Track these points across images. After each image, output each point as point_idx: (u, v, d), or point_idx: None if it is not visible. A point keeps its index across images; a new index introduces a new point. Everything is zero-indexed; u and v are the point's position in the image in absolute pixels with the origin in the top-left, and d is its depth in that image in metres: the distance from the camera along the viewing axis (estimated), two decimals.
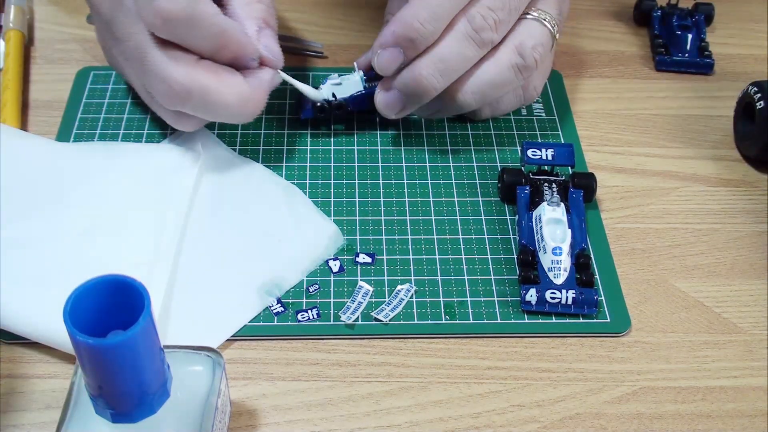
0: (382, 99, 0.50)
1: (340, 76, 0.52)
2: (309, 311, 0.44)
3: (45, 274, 0.43)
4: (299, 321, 0.43)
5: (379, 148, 0.53)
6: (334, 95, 0.52)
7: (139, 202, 0.47)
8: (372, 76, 0.52)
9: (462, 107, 0.51)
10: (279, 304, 0.44)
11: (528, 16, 0.50)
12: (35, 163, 0.48)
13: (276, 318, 0.44)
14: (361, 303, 0.44)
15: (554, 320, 0.44)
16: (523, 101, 0.53)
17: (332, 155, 0.52)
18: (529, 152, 0.49)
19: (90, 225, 0.45)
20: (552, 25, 0.50)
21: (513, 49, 0.49)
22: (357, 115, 0.53)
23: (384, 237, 0.48)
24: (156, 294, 0.42)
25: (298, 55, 0.60)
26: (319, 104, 0.52)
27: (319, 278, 0.45)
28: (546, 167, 0.50)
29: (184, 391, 0.34)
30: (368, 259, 0.46)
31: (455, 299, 0.45)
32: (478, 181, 0.51)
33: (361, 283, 0.45)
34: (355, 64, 0.52)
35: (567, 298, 0.44)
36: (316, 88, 0.52)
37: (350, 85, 0.52)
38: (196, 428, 0.34)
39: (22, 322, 0.41)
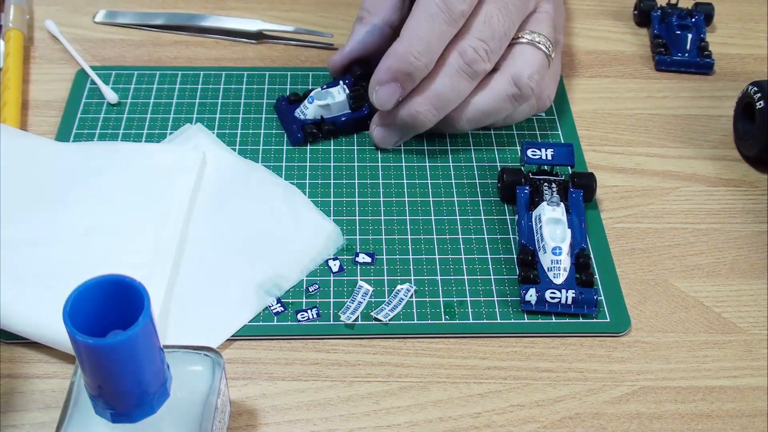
0: (378, 134, 0.52)
1: (323, 89, 0.52)
2: (309, 311, 0.44)
3: (45, 274, 0.43)
4: (299, 321, 0.43)
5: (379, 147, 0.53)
6: (322, 117, 0.52)
7: (139, 202, 0.47)
8: (352, 85, 0.52)
9: (457, 132, 0.52)
10: (279, 304, 0.44)
11: (522, 40, 0.50)
12: (35, 163, 0.48)
13: (276, 318, 0.44)
14: (361, 303, 0.44)
15: (554, 320, 0.44)
16: (537, 110, 0.54)
17: (332, 155, 0.52)
18: (529, 152, 0.49)
19: (90, 225, 0.45)
20: (546, 47, 0.50)
21: (509, 79, 0.49)
22: (348, 131, 0.54)
23: (384, 237, 0.48)
24: (156, 294, 0.42)
25: (306, 47, 0.60)
26: (308, 129, 0.52)
27: (318, 278, 0.45)
28: (546, 167, 0.50)
29: (184, 391, 0.34)
30: (368, 259, 0.46)
31: (455, 299, 0.45)
32: (478, 181, 0.51)
33: (360, 282, 0.45)
34: (329, 66, 0.53)
35: (567, 297, 0.44)
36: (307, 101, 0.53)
37: (336, 105, 0.52)
38: (196, 428, 0.34)
39: (22, 321, 0.41)
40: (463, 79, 0.48)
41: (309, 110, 0.52)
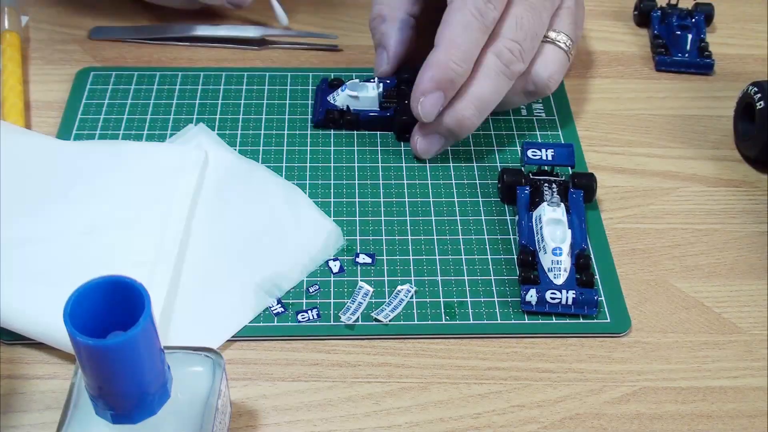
0: (422, 145, 0.51)
1: (360, 82, 0.53)
2: (309, 312, 0.44)
3: (46, 273, 0.43)
4: (299, 321, 0.43)
5: (379, 148, 0.53)
6: (348, 107, 0.53)
7: (141, 201, 0.47)
8: (387, 87, 0.53)
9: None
10: (279, 305, 0.44)
11: (546, 39, 0.50)
12: (37, 160, 0.48)
13: (276, 318, 0.44)
14: (361, 303, 0.44)
15: (554, 321, 0.44)
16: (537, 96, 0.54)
17: (332, 155, 0.52)
18: (529, 152, 0.49)
19: (92, 224, 0.45)
20: (567, 45, 0.51)
21: (527, 78, 0.50)
22: (368, 127, 0.54)
23: (384, 237, 0.48)
24: (157, 294, 0.42)
25: (312, 51, 0.60)
26: (331, 114, 0.53)
27: (319, 279, 0.45)
28: (546, 167, 0.50)
29: (185, 391, 0.34)
30: (368, 260, 0.46)
31: (455, 299, 0.45)
32: (478, 182, 0.51)
33: (361, 283, 0.45)
34: (376, 79, 0.53)
35: (567, 298, 0.44)
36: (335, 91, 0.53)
37: (366, 100, 0.53)
38: (197, 429, 0.34)
39: (23, 320, 0.41)
40: (503, 80, 0.48)
41: (339, 98, 0.53)
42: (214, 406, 0.35)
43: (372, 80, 0.53)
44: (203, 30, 0.60)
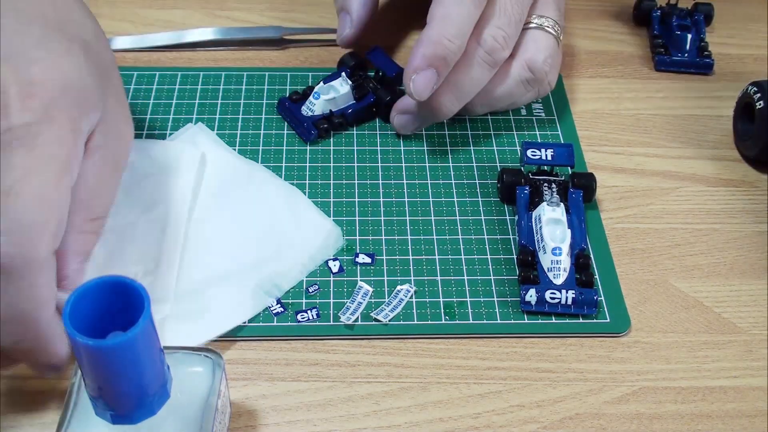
0: (399, 121, 0.52)
1: (325, 84, 0.53)
2: (308, 312, 0.44)
3: None
4: (299, 321, 0.43)
5: (378, 148, 0.53)
6: (331, 111, 0.53)
7: (141, 202, 0.47)
8: (350, 75, 0.54)
9: (472, 114, 0.53)
10: (278, 305, 0.44)
11: (531, 25, 0.51)
12: None
13: (275, 318, 0.44)
14: (361, 303, 0.44)
15: (554, 320, 0.44)
16: (539, 95, 0.54)
17: (332, 155, 0.52)
18: (529, 152, 0.49)
19: None
20: (555, 30, 0.51)
21: (523, 65, 0.50)
22: (358, 122, 0.55)
23: (384, 237, 0.48)
24: (158, 294, 0.42)
25: (314, 47, 0.60)
26: (320, 125, 0.53)
27: (318, 279, 0.45)
28: (545, 167, 0.50)
29: (184, 392, 0.34)
30: (368, 260, 0.46)
31: (455, 299, 0.45)
32: (477, 182, 0.51)
33: (360, 283, 0.45)
34: (342, 42, 0.55)
35: (567, 298, 0.44)
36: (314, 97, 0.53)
37: (342, 98, 0.53)
38: (196, 429, 0.34)
39: None
40: (484, 68, 0.49)
41: (317, 106, 0.53)
42: (214, 406, 0.35)
43: (327, 80, 0.53)
44: (220, 33, 0.60)
